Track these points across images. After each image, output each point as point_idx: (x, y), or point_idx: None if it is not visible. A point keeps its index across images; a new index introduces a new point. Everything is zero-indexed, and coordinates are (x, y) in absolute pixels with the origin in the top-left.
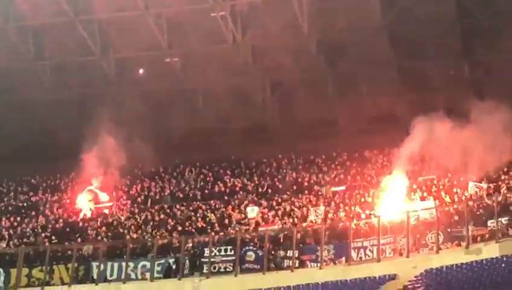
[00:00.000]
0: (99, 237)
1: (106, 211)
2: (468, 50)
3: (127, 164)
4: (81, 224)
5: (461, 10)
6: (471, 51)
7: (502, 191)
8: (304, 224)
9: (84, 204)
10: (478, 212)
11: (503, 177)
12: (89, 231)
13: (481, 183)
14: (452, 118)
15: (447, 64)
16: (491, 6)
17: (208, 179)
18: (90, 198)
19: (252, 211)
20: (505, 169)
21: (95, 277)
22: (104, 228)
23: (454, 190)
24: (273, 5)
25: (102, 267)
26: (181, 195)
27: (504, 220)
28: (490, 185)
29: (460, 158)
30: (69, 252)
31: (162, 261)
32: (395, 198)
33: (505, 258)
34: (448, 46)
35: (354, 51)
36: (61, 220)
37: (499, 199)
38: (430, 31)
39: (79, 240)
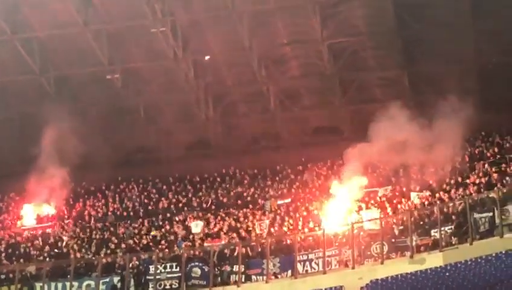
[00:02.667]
0: (42, 257)
1: (49, 230)
2: (408, 61)
3: (70, 182)
4: (23, 245)
5: (400, 22)
6: (411, 61)
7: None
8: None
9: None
10: (421, 222)
11: (445, 186)
12: (31, 251)
13: (423, 193)
14: (394, 129)
15: (387, 75)
16: (429, 17)
17: (151, 195)
18: (31, 217)
19: (196, 227)
20: (447, 179)
21: None
22: (47, 248)
23: (396, 200)
24: (213, 20)
25: (46, 287)
26: (124, 213)
27: (447, 229)
28: (432, 194)
29: (403, 169)
30: (11, 275)
31: (107, 279)
32: (339, 210)
33: (448, 267)
34: (388, 57)
35: (295, 64)
36: (3, 241)
37: (442, 208)
38: (370, 43)
39: (21, 260)
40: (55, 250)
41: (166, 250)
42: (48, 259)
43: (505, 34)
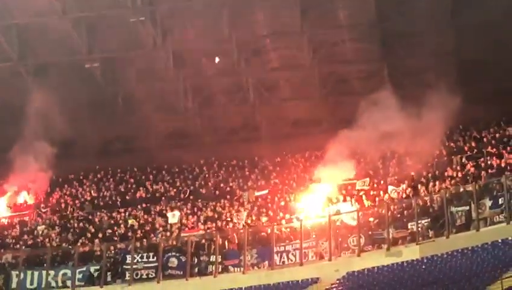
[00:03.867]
0: (19, 245)
1: (26, 218)
2: (387, 53)
3: (47, 170)
4: None
5: (380, 14)
6: (391, 54)
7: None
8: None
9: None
10: (399, 215)
11: (422, 179)
12: (8, 239)
13: (400, 186)
14: (373, 122)
15: (367, 67)
16: (409, 10)
17: (129, 185)
18: (8, 204)
19: (173, 217)
20: (425, 172)
21: (14, 286)
22: (24, 236)
23: (373, 193)
24: (193, 10)
25: (22, 276)
26: (102, 202)
27: (424, 222)
28: (409, 188)
29: (381, 161)
30: None
31: (84, 269)
32: (317, 201)
33: (425, 260)
34: (368, 49)
35: (275, 56)
36: None
37: (419, 201)
38: (350, 35)
39: None
40: (32, 238)
41: (144, 240)
42: (24, 247)
43: (485, 28)
